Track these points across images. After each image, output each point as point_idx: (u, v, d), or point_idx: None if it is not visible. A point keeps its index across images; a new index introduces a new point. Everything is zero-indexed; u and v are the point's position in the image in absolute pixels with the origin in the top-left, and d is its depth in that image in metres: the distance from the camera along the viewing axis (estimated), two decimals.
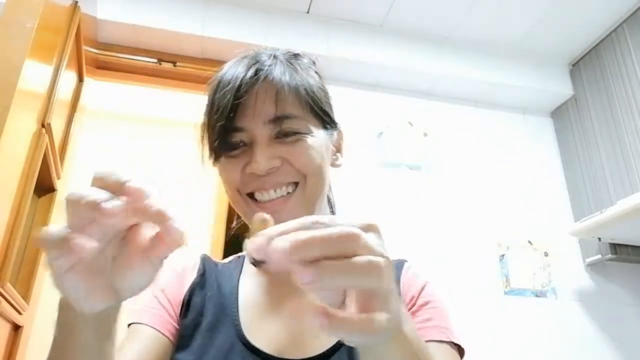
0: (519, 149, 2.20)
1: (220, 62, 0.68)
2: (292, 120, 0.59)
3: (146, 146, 2.61)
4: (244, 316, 0.62)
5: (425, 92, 2.20)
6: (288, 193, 0.59)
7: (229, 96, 0.58)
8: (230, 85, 0.58)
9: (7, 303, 1.20)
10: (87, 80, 1.78)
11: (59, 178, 1.56)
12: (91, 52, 1.81)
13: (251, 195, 0.60)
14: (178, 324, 0.63)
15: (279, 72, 0.60)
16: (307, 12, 2.06)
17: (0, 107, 0.97)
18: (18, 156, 1.13)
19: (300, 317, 0.62)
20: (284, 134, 0.59)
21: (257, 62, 0.61)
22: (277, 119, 0.58)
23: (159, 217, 0.35)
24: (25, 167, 1.18)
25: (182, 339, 0.62)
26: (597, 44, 2.11)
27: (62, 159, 1.59)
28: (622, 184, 1.87)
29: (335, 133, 0.68)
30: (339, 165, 0.68)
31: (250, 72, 0.59)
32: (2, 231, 1.05)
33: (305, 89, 0.61)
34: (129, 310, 0.67)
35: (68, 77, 1.52)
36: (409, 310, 0.61)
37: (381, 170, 2.00)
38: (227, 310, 0.63)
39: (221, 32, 1.93)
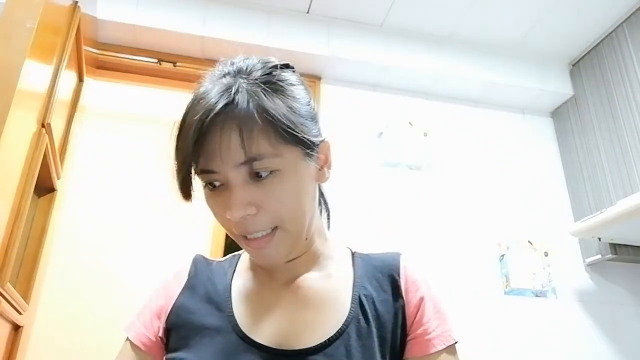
0: (519, 149, 2.20)
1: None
2: (263, 161, 0.55)
3: (146, 146, 2.62)
4: (239, 311, 0.63)
5: (425, 92, 2.20)
6: (272, 230, 0.59)
7: (192, 139, 0.54)
8: (194, 125, 0.54)
9: (7, 303, 1.20)
10: (87, 80, 1.78)
11: (59, 178, 1.56)
12: (91, 52, 1.81)
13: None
14: (163, 334, 0.65)
15: (242, 107, 0.54)
16: (307, 12, 2.06)
17: (0, 107, 0.97)
18: (18, 156, 1.13)
19: (296, 309, 0.63)
20: (258, 174, 0.56)
21: (223, 93, 0.55)
22: (246, 162, 0.55)
23: None
24: (25, 167, 1.18)
25: (181, 341, 0.62)
26: (597, 44, 2.11)
27: (62, 159, 1.59)
28: (622, 184, 1.87)
29: (317, 151, 0.62)
30: (327, 179, 0.66)
31: (213, 112, 0.54)
32: (2, 231, 1.05)
33: (274, 120, 0.55)
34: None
35: (68, 77, 1.52)
36: (417, 316, 0.63)
37: (381, 170, 2.00)
38: (222, 307, 0.64)
39: (221, 32, 1.93)
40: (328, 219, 0.74)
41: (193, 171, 0.58)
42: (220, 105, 0.54)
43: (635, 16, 1.94)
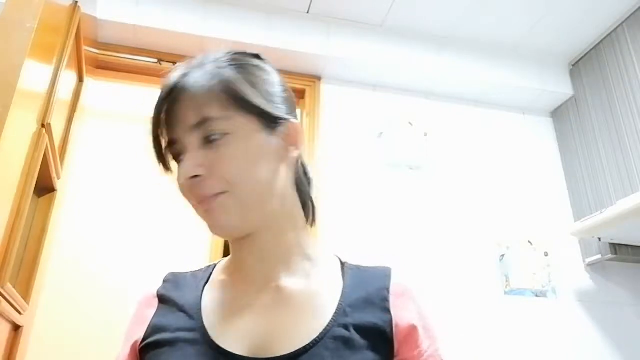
0: (519, 149, 2.20)
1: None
2: (216, 122, 0.58)
3: (146, 146, 2.61)
4: (210, 320, 0.61)
5: (425, 92, 2.20)
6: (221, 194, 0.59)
7: (155, 113, 0.60)
8: (156, 102, 0.60)
9: (7, 303, 1.20)
10: (87, 80, 1.78)
11: (59, 178, 1.57)
12: (91, 52, 1.82)
13: None
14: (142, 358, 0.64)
15: (197, 76, 0.60)
16: (307, 12, 2.06)
17: (0, 107, 0.97)
18: (18, 156, 1.13)
19: (269, 315, 0.61)
20: (210, 139, 0.58)
21: (179, 72, 0.61)
22: (198, 124, 0.58)
23: None
24: (25, 167, 1.18)
25: (155, 358, 0.61)
26: (597, 44, 2.11)
27: (62, 159, 1.59)
28: (622, 184, 1.87)
29: (280, 128, 0.63)
30: (294, 158, 0.65)
31: (169, 84, 0.60)
32: (2, 231, 1.05)
33: (228, 88, 0.59)
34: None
35: (68, 77, 1.52)
36: (409, 336, 0.61)
37: (381, 170, 2.00)
38: (193, 318, 0.62)
39: (221, 32, 1.93)
40: (313, 214, 0.72)
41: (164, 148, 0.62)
42: (175, 78, 0.60)
43: (635, 16, 1.94)
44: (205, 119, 0.58)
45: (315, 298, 0.62)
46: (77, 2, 1.48)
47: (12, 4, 1.10)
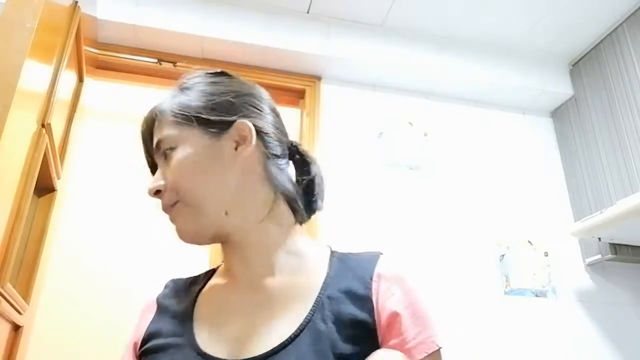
0: (519, 149, 2.20)
1: (220, 62, 0.73)
2: (167, 140, 0.65)
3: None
4: (200, 324, 0.63)
5: (425, 92, 2.20)
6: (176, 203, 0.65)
7: (140, 138, 0.71)
8: (140, 128, 0.71)
9: (7, 303, 1.20)
10: (87, 80, 1.78)
11: (59, 178, 1.56)
12: (91, 52, 1.82)
13: None
14: None
15: (161, 103, 0.69)
16: (307, 12, 2.06)
17: (0, 107, 0.97)
18: (18, 156, 1.13)
19: (252, 315, 0.62)
20: (165, 156, 0.66)
21: (156, 104, 0.71)
22: (157, 145, 0.67)
23: None
24: (25, 167, 1.18)
25: None
26: (597, 44, 2.11)
27: (62, 159, 1.59)
28: (622, 184, 1.87)
29: (227, 130, 0.66)
30: (246, 155, 0.65)
31: (147, 113, 0.70)
32: (2, 231, 1.05)
33: (172, 107, 0.67)
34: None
35: (68, 77, 1.52)
36: (394, 322, 0.59)
37: (381, 170, 2.00)
38: (185, 323, 0.64)
39: (221, 32, 1.93)
40: (301, 217, 0.71)
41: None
42: (150, 109, 0.70)
43: (635, 16, 1.94)
44: (160, 139, 0.66)
45: (299, 293, 0.62)
46: (77, 2, 1.48)
47: (12, 4, 1.10)
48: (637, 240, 1.89)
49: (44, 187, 1.49)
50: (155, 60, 1.96)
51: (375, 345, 0.58)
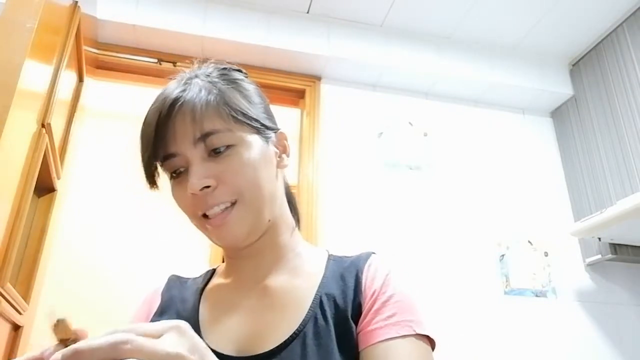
0: (519, 149, 2.20)
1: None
2: (217, 135, 0.60)
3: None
4: (205, 324, 0.63)
5: (425, 92, 2.20)
6: (232, 204, 0.61)
7: (151, 128, 0.61)
8: (152, 116, 0.61)
9: (7, 303, 1.20)
10: (87, 80, 1.78)
11: (59, 178, 1.56)
12: (91, 52, 1.81)
13: (204, 215, 0.62)
14: None
15: (195, 92, 0.61)
16: (307, 12, 2.06)
17: (0, 107, 0.97)
18: (18, 156, 1.13)
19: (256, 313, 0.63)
20: (215, 151, 0.60)
21: (178, 87, 0.63)
22: (201, 138, 0.60)
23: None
24: (25, 167, 1.18)
25: None
26: (597, 44, 2.11)
27: (62, 159, 1.59)
28: (622, 184, 1.87)
29: (273, 136, 0.68)
30: (285, 166, 0.69)
31: (169, 100, 0.61)
32: (2, 231, 1.05)
33: (225, 102, 0.62)
34: None
35: (68, 77, 1.52)
36: (370, 307, 0.59)
37: (381, 170, 2.00)
38: (189, 322, 0.64)
39: (221, 32, 1.93)
40: (297, 222, 0.74)
41: (158, 164, 0.64)
42: (175, 93, 0.61)
43: (635, 16, 1.94)
44: (209, 132, 0.60)
45: (300, 292, 0.63)
46: (77, 2, 1.48)
47: (12, 4, 1.10)
48: (637, 240, 1.89)
49: (44, 187, 1.49)
50: (155, 60, 1.96)
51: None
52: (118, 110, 2.70)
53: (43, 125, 1.27)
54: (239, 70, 0.70)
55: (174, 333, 0.40)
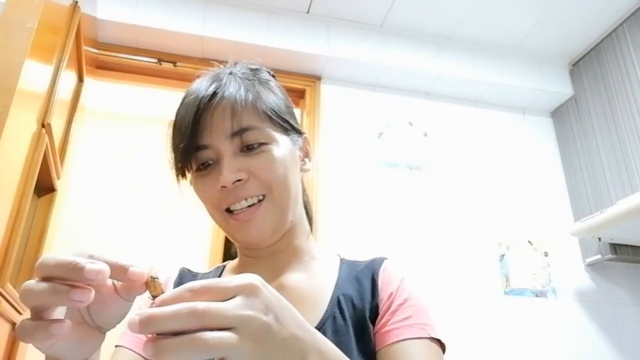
0: (519, 149, 2.20)
1: (220, 62, 0.71)
2: (253, 132, 0.62)
3: (146, 146, 2.61)
4: None
5: (425, 92, 2.20)
6: (259, 200, 0.62)
7: (188, 118, 0.61)
8: (190, 107, 0.62)
9: (7, 303, 1.20)
10: (87, 80, 1.78)
11: (59, 178, 1.56)
12: (91, 52, 1.81)
13: (228, 210, 0.63)
14: None
15: (234, 88, 0.63)
16: (307, 12, 2.06)
17: (0, 107, 0.97)
18: (18, 156, 1.13)
19: None
20: (248, 147, 0.62)
21: (215, 81, 0.64)
22: (237, 133, 0.61)
23: (118, 274, 0.39)
24: (25, 167, 1.18)
25: None
26: (597, 44, 2.11)
27: (62, 159, 1.59)
28: (622, 184, 1.87)
29: (300, 140, 0.70)
30: (307, 170, 0.71)
31: (208, 93, 0.62)
32: (2, 231, 1.05)
33: (262, 101, 0.64)
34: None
35: (68, 77, 1.52)
36: (387, 308, 0.62)
37: (381, 170, 2.00)
38: None
39: (221, 32, 1.93)
40: (310, 224, 0.76)
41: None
42: (212, 88, 0.62)
43: (635, 16, 1.94)
44: (246, 127, 0.62)
45: (316, 292, 0.65)
46: (77, 2, 1.48)
47: (12, 4, 1.10)
48: (637, 240, 1.89)
49: (44, 187, 1.49)
50: (155, 60, 1.96)
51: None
52: (118, 110, 2.70)
53: (43, 125, 1.27)
54: (268, 72, 0.72)
55: (244, 295, 0.38)
